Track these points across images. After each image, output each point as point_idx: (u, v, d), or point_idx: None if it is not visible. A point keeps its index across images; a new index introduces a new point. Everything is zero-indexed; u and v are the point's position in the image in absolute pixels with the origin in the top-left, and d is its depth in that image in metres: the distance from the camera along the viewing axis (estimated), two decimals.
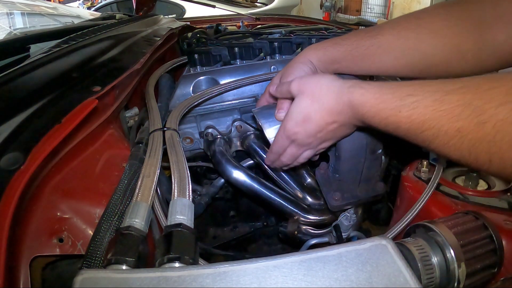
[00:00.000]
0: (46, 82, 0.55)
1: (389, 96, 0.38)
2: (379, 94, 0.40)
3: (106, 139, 0.53)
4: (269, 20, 1.75)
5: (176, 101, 0.75)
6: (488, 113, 0.30)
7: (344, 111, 0.44)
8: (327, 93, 0.45)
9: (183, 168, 0.45)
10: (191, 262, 0.32)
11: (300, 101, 0.48)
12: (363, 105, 0.41)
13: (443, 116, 0.33)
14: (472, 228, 0.41)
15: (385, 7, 5.68)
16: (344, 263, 0.27)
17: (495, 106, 0.30)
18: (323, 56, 0.57)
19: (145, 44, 0.85)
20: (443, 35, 0.50)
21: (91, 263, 0.36)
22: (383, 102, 0.39)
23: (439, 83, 0.35)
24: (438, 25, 0.51)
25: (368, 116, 0.41)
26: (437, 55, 0.51)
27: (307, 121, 0.47)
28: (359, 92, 0.42)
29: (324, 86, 0.46)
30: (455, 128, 0.33)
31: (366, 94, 0.41)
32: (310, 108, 0.47)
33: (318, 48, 0.58)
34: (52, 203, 0.41)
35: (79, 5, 5.20)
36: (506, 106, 0.29)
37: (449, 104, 0.33)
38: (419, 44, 0.51)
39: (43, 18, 1.38)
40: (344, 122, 0.46)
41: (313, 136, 0.49)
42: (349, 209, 0.62)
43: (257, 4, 4.01)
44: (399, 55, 0.53)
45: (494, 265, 0.40)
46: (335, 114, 0.45)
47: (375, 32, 0.54)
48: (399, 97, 0.37)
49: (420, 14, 0.54)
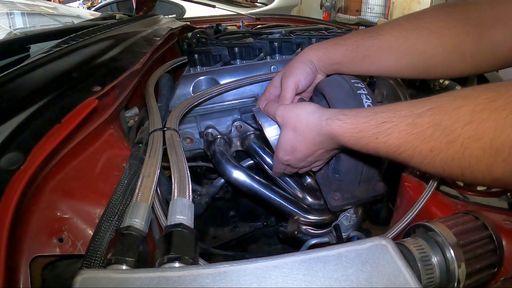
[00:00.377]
0: (46, 82, 0.55)
1: (366, 125, 0.41)
2: (356, 124, 0.42)
3: (106, 139, 0.53)
4: (269, 20, 1.75)
5: (176, 101, 0.75)
6: (456, 133, 0.33)
7: (325, 141, 0.47)
8: (306, 126, 0.48)
9: (183, 168, 0.45)
10: (191, 262, 0.32)
11: (285, 133, 0.51)
12: (342, 135, 0.43)
13: (416, 139, 0.36)
14: (472, 228, 0.41)
15: (385, 7, 5.67)
16: (344, 263, 0.27)
17: (462, 126, 0.33)
18: (323, 56, 0.58)
19: (145, 44, 0.85)
20: (443, 36, 0.50)
21: (91, 263, 0.36)
22: (361, 131, 0.41)
23: (411, 106, 0.38)
24: (438, 26, 0.51)
25: (349, 144, 0.43)
26: (437, 55, 0.51)
27: (294, 150, 0.51)
28: (337, 124, 0.44)
29: (304, 119, 0.48)
30: (427, 148, 0.35)
31: (344, 125, 0.43)
32: (294, 140, 0.50)
33: (318, 48, 0.58)
34: (52, 203, 0.41)
35: (79, 5, 5.20)
36: (472, 125, 0.32)
37: (421, 127, 0.36)
38: (419, 45, 0.52)
39: (43, 18, 1.38)
40: (329, 148, 0.50)
41: (303, 161, 0.53)
42: (349, 209, 0.61)
43: (257, 4, 4.01)
44: (400, 55, 0.53)
45: (494, 265, 0.40)
46: (318, 143, 0.48)
47: (375, 33, 0.55)
48: (375, 125, 0.40)
49: (420, 14, 0.54)
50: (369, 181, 0.59)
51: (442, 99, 0.36)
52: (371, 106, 0.53)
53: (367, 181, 0.58)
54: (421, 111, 0.37)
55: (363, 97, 0.54)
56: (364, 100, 0.53)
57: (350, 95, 0.54)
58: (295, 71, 0.57)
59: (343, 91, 0.55)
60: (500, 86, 0.33)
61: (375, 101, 0.55)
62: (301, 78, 0.57)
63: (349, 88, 0.55)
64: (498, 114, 0.31)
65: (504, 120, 0.30)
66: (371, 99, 0.54)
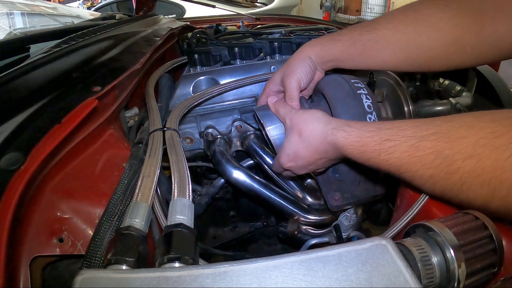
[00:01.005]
0: (46, 82, 0.55)
1: (369, 140, 0.41)
2: (360, 138, 0.42)
3: (106, 139, 0.53)
4: (269, 20, 1.75)
5: (176, 101, 0.75)
6: (456, 165, 0.33)
7: (329, 150, 0.47)
8: (312, 132, 0.48)
9: (183, 168, 0.45)
10: (191, 262, 0.32)
11: (291, 137, 0.51)
12: (346, 147, 0.43)
13: (417, 162, 0.36)
14: (472, 228, 0.41)
15: (385, 7, 5.67)
16: (344, 263, 0.27)
17: (463, 159, 0.33)
18: (320, 51, 0.57)
19: (145, 44, 0.85)
20: (441, 28, 0.49)
21: (91, 263, 0.36)
22: (364, 145, 0.41)
23: (415, 126, 0.38)
24: (436, 18, 0.49)
25: (352, 156, 0.43)
26: (436, 48, 0.50)
27: (297, 157, 0.50)
28: (342, 135, 0.44)
29: (310, 125, 0.48)
30: (428, 174, 0.36)
31: (348, 137, 0.43)
32: (299, 145, 0.49)
33: (315, 44, 0.57)
34: (52, 203, 0.41)
35: (79, 5, 5.20)
36: (472, 160, 0.32)
37: (423, 151, 0.36)
38: (417, 38, 0.50)
39: (43, 18, 1.38)
40: (331, 158, 0.49)
41: (305, 168, 0.52)
42: (349, 209, 0.61)
43: (257, 4, 4.01)
44: (397, 50, 0.52)
45: (494, 265, 0.40)
46: (322, 152, 0.48)
47: (371, 27, 0.53)
48: (378, 141, 0.39)
49: (417, 6, 0.52)
50: (369, 181, 0.59)
51: (446, 125, 0.36)
52: (371, 106, 0.53)
53: (367, 181, 0.58)
54: (424, 134, 0.36)
55: (363, 97, 0.54)
56: (364, 100, 0.53)
57: (350, 95, 0.54)
58: (296, 69, 0.57)
59: (343, 91, 0.55)
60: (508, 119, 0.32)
61: (375, 101, 0.55)
62: (302, 76, 0.57)
63: (349, 88, 0.55)
64: (500, 153, 0.30)
65: (505, 161, 0.30)
66: (371, 99, 0.54)
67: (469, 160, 0.32)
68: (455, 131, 0.34)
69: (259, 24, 1.66)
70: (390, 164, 0.39)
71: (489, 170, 0.31)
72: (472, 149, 0.32)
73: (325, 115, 0.48)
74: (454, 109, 0.71)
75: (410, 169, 0.37)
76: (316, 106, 0.61)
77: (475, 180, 0.32)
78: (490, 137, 0.31)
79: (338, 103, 0.54)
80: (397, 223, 0.48)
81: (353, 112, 0.53)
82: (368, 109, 0.53)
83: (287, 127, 0.52)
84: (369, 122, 0.45)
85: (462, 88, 0.78)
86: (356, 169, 0.56)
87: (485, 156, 0.31)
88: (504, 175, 0.30)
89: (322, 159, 0.49)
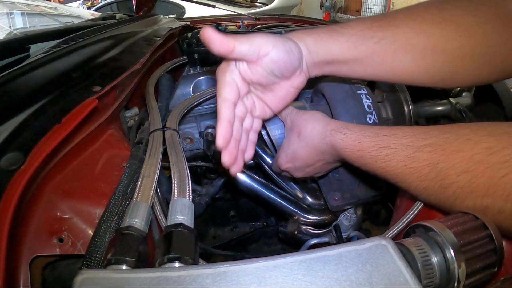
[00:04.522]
0: (46, 82, 0.55)
1: (366, 145, 0.40)
2: (357, 142, 0.41)
3: (106, 139, 0.53)
4: (269, 20, 1.75)
5: (176, 101, 0.75)
6: (450, 179, 0.33)
7: (327, 151, 0.46)
8: (311, 132, 0.47)
9: (183, 168, 0.45)
10: (191, 262, 0.32)
11: (290, 136, 0.50)
12: (343, 150, 0.43)
13: (412, 174, 0.36)
14: (472, 227, 0.41)
15: (385, 7, 5.67)
16: (344, 263, 0.27)
17: (457, 173, 0.32)
18: (313, 45, 0.42)
19: (145, 44, 0.85)
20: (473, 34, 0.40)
21: (91, 263, 0.36)
22: (361, 150, 0.40)
23: (413, 135, 0.37)
24: (467, 21, 0.40)
25: (350, 160, 0.43)
26: (465, 58, 0.41)
27: (295, 157, 0.50)
28: (340, 137, 0.43)
29: (310, 125, 0.47)
30: (422, 186, 0.36)
31: (346, 140, 0.42)
32: (298, 144, 0.49)
33: (309, 33, 0.42)
34: (52, 203, 0.41)
35: (79, 5, 5.20)
36: (467, 176, 0.32)
37: (418, 163, 0.35)
38: (446, 43, 0.40)
39: (43, 18, 1.38)
40: (329, 160, 0.48)
41: (302, 171, 0.52)
42: (349, 209, 0.61)
43: (257, 4, 4.01)
44: (419, 56, 0.41)
45: (494, 265, 0.40)
46: (320, 153, 0.47)
47: (386, 22, 0.41)
48: (375, 148, 0.39)
49: (443, 4, 0.41)
50: (369, 181, 0.59)
51: (443, 136, 0.35)
52: (371, 106, 0.53)
53: (367, 181, 0.58)
54: (421, 145, 0.35)
55: (363, 97, 0.54)
56: (364, 100, 0.53)
57: (350, 95, 0.54)
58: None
59: (343, 91, 0.55)
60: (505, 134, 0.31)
61: (375, 101, 0.55)
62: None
63: (349, 88, 0.55)
64: (494, 172, 0.30)
65: (498, 180, 0.30)
66: (371, 99, 0.54)
67: (463, 176, 0.32)
68: (451, 143, 0.34)
69: (259, 24, 1.66)
70: (387, 172, 0.38)
71: (482, 187, 0.31)
72: (466, 165, 0.32)
73: (325, 117, 0.48)
74: (454, 109, 0.71)
75: (405, 179, 0.37)
76: (316, 106, 0.61)
77: (469, 196, 0.32)
78: (486, 153, 0.31)
79: (338, 103, 0.54)
80: (397, 223, 0.48)
81: (353, 112, 0.53)
82: (368, 109, 0.53)
83: (287, 127, 0.52)
84: (368, 126, 0.44)
85: (462, 88, 0.78)
86: (356, 170, 0.56)
87: (479, 173, 0.31)
88: (496, 194, 0.30)
89: (320, 161, 0.49)
